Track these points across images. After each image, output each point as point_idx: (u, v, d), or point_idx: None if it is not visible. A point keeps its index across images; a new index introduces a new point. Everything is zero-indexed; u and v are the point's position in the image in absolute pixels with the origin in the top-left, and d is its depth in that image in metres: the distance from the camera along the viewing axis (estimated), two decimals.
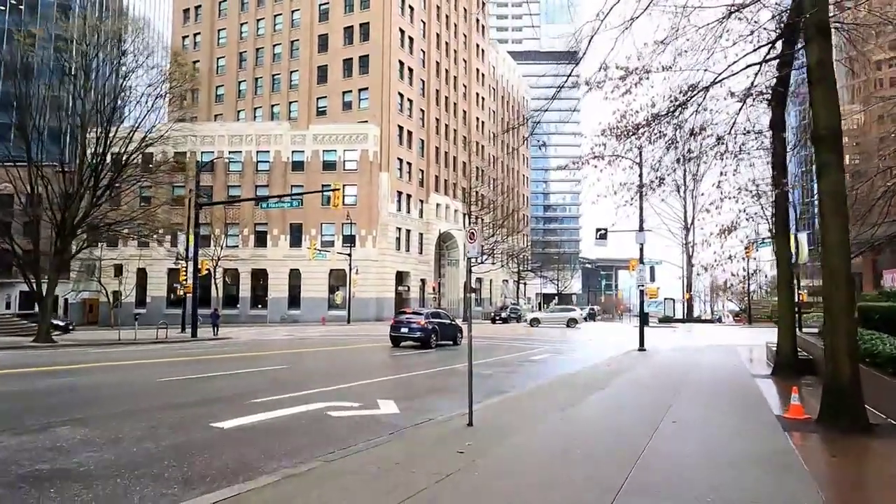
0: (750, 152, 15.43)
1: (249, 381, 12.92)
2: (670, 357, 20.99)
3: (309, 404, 9.84)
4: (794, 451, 6.66)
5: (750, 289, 67.31)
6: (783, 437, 7.35)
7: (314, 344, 26.38)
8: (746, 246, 31.42)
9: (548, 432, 7.86)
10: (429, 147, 63.36)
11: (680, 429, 7.94)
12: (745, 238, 28.92)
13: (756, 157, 15.99)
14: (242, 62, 64.43)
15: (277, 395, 10.71)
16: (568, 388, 12.29)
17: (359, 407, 9.77)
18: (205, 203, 33.18)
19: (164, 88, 29.85)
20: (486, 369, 16.69)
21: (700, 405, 10.12)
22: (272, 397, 10.49)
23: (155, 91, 29.35)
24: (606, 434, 7.69)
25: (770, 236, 25.87)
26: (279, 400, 10.26)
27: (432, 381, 14.11)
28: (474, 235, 7.99)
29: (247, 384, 12.47)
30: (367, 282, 52.59)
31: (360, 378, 13.74)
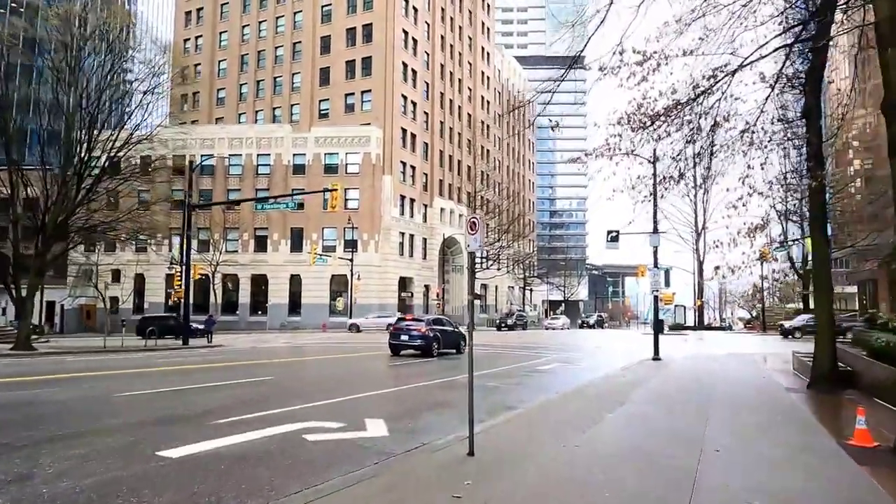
0: (782, 143, 14.10)
1: (226, 396, 11.59)
2: (688, 367, 19.55)
3: (286, 424, 8.50)
4: (885, 496, 5.25)
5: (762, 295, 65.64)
6: (860, 473, 5.94)
7: (310, 352, 25.06)
8: (762, 249, 29.94)
9: (565, 463, 6.48)
10: (433, 150, 62.18)
11: (728, 460, 6.55)
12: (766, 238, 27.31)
13: (783, 148, 14.66)
14: (244, 64, 63.56)
15: (252, 413, 9.38)
16: (582, 403, 10.90)
17: (342, 428, 8.42)
18: (197, 205, 31.95)
19: (152, 83, 28.60)
20: (491, 381, 15.31)
21: (740, 426, 8.71)
22: (245, 415, 9.16)
23: (143, 86, 28.11)
24: (637, 466, 6.31)
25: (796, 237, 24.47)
26: (253, 419, 8.93)
27: (430, 394, 12.75)
28: (475, 225, 6.68)
29: (221, 399, 11.14)
30: (369, 287, 51.30)
31: (351, 391, 12.38)
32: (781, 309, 63.07)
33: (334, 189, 26.15)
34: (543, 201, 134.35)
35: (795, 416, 9.59)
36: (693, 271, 57.16)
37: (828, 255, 12.97)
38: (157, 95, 29.08)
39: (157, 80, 28.42)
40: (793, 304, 73.17)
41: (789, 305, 71.32)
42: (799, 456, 6.83)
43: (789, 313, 60.05)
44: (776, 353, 26.11)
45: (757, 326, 53.22)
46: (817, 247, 12.99)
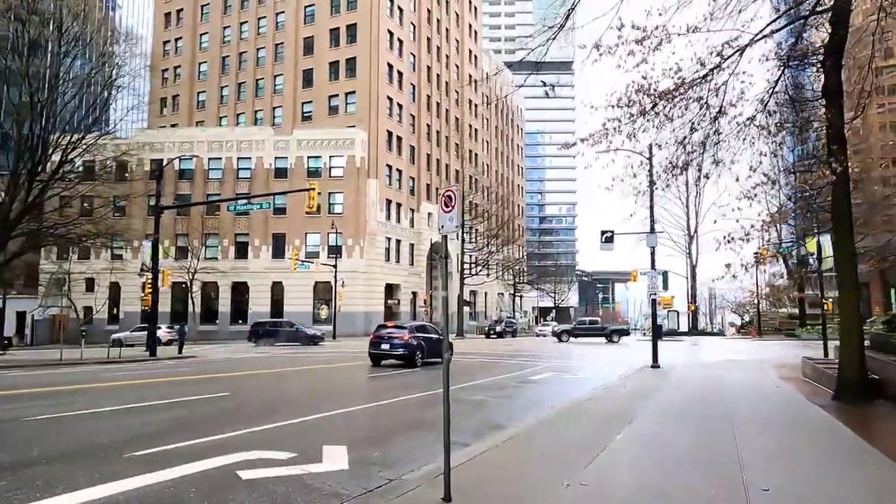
0: (797, 127, 12.73)
1: (166, 417, 9.90)
2: (692, 375, 18.09)
3: (222, 455, 6.86)
4: None
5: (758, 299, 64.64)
6: None
7: (285, 363, 23.33)
8: (760, 250, 28.67)
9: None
10: (419, 154, 60.72)
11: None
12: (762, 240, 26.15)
13: (799, 132, 13.29)
14: (225, 67, 61.84)
15: (188, 440, 7.73)
16: (583, 422, 9.36)
17: (291, 460, 6.80)
18: (166, 207, 30.13)
19: (108, 73, 26.76)
20: (478, 393, 13.73)
21: (778, 452, 7.20)
22: (178, 443, 7.51)
23: (97, 76, 26.16)
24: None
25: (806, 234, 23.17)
26: (184, 448, 7.29)
27: (408, 411, 11.14)
28: (451, 200, 5.16)
29: (159, 422, 9.45)
30: (354, 295, 49.55)
31: (317, 409, 10.75)
32: (775, 314, 62.09)
33: (311, 189, 24.52)
34: (533, 207, 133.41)
35: (838, 438, 8.10)
36: (686, 275, 56.00)
37: (853, 249, 11.59)
38: (118, 89, 27.21)
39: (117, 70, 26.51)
40: (785, 308, 72.41)
41: (782, 310, 70.51)
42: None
43: (783, 318, 59.06)
44: (777, 359, 24.79)
45: (752, 331, 52.04)
46: (842, 241, 11.58)
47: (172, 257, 50.24)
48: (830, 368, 15.06)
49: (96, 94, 26.74)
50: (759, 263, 28.54)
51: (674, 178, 12.93)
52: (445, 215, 5.19)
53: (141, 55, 37.41)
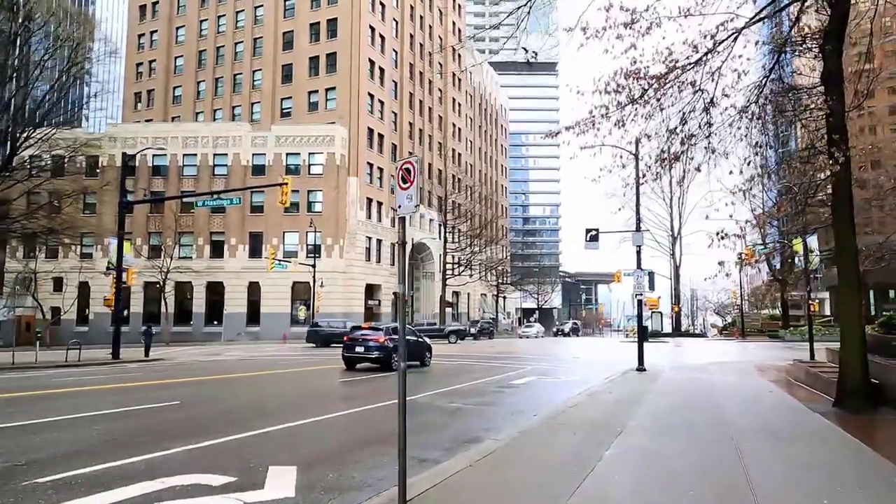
0: (795, 116, 11.99)
1: (98, 431, 8.78)
2: (679, 379, 17.32)
3: (145, 482, 5.81)
4: None
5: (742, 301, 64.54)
6: None
7: (254, 367, 22.17)
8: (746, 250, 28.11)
9: None
10: (402, 152, 59.61)
11: None
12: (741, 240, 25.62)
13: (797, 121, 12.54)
14: (202, 61, 60.18)
15: (105, 463, 6.65)
16: (568, 434, 8.44)
17: (226, 486, 5.78)
18: (130, 202, 28.74)
19: (57, 55, 25.22)
20: (455, 400, 12.78)
21: (791, 470, 6.33)
22: (91, 468, 6.42)
23: (52, 60, 24.59)
24: None
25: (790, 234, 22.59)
26: (99, 473, 6.22)
27: (377, 422, 10.14)
28: (409, 175, 4.21)
29: (89, 437, 8.34)
30: (333, 295, 48.31)
31: (274, 420, 9.70)
32: (758, 315, 62.09)
33: (284, 183, 23.37)
34: (517, 207, 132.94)
35: (853, 453, 7.26)
36: (670, 277, 55.65)
37: (855, 246, 10.85)
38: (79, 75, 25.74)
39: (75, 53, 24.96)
40: (767, 310, 72.55)
41: (763, 312, 70.61)
42: None
43: (765, 319, 59.01)
44: (764, 361, 24.23)
45: (735, 333, 51.82)
46: (842, 236, 10.82)
47: (145, 256, 48.57)
48: (825, 372, 14.38)
49: (57, 82, 25.23)
50: (746, 264, 27.97)
51: (664, 168, 12.09)
52: (403, 193, 4.25)
53: (103, 39, 35.83)
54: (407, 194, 4.23)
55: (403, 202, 4.27)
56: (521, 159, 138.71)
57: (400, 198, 4.30)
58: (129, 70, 64.40)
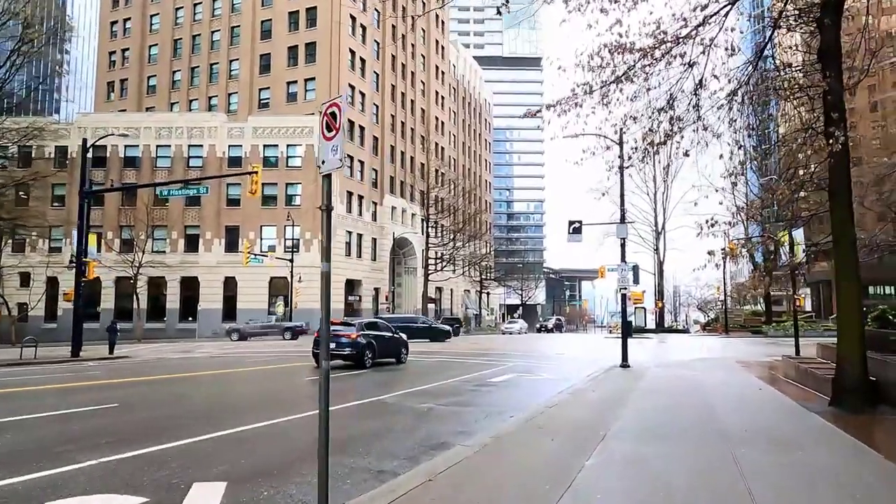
0: (790, 94, 11.23)
1: (6, 442, 7.73)
2: (664, 377, 16.60)
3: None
4: None
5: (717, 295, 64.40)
6: None
7: (222, 365, 21.09)
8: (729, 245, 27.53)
9: None
10: (383, 145, 58.52)
11: None
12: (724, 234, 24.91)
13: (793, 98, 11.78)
14: (177, 50, 58.43)
15: (3, 480, 5.64)
16: (546, 439, 7.58)
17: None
18: (91, 192, 27.39)
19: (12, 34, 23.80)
20: (428, 400, 11.88)
21: (795, 488, 5.51)
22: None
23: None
24: None
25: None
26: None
27: (334, 427, 9.19)
28: (335, 121, 3.30)
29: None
30: (312, 291, 47.03)
31: (220, 425, 8.72)
32: (740, 311, 62.05)
33: (254, 172, 22.23)
34: (501, 203, 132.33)
35: (859, 458, 6.48)
36: (653, 272, 55.29)
37: (854, 235, 10.13)
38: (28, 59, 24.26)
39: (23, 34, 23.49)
40: (749, 305, 72.65)
41: (746, 307, 70.66)
42: None
43: (748, 315, 58.92)
44: (749, 357, 23.68)
45: (719, 328, 51.59)
46: (840, 225, 10.09)
47: (116, 250, 46.99)
48: (817, 368, 13.73)
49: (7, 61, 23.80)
50: (731, 257, 27.39)
51: (651, 151, 11.25)
52: (327, 144, 3.35)
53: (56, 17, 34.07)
54: (332, 145, 3.33)
55: (328, 155, 3.38)
56: (505, 154, 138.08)
57: (324, 150, 3.40)
58: (102, 58, 62.45)
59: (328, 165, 3.45)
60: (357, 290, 53.45)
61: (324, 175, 3.54)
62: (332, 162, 3.40)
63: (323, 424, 3.71)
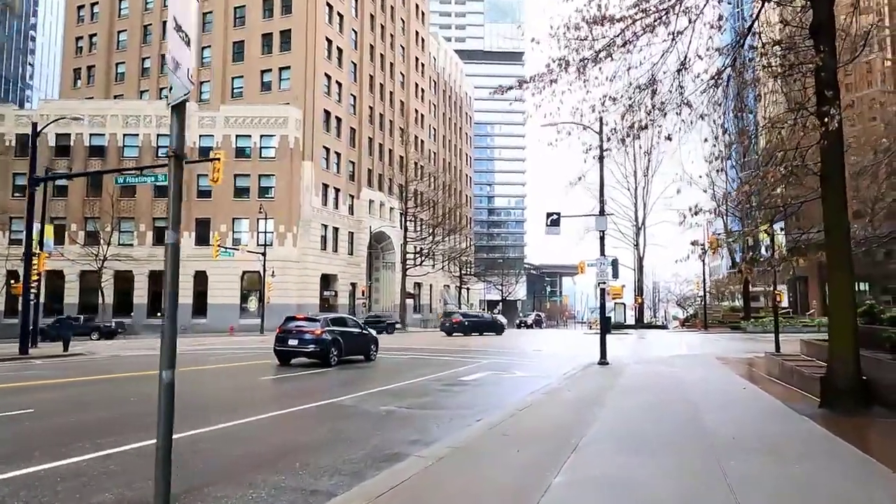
0: (782, 71, 10.46)
1: None
2: (644, 374, 15.87)
3: None
4: None
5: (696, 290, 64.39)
6: None
7: (180, 363, 19.83)
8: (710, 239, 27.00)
9: None
10: (361, 137, 57.24)
11: None
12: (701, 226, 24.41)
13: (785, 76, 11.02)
14: (147, 36, 56.42)
15: None
16: (512, 448, 6.68)
17: None
18: (38, 179, 25.88)
19: None
20: (389, 402, 10.93)
21: None
22: None
23: None
24: None
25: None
26: None
27: (285, 432, 8.23)
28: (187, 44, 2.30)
29: None
30: (285, 285, 45.84)
31: (147, 434, 7.66)
32: (719, 307, 62.07)
33: (216, 159, 21.00)
34: (481, 199, 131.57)
35: (863, 470, 5.69)
36: (633, 268, 54.94)
37: (847, 223, 9.42)
38: None
39: None
40: (727, 301, 72.87)
41: (724, 303, 70.84)
42: None
43: (726, 311, 58.95)
44: (730, 354, 23.12)
45: (698, 324, 51.45)
46: (833, 213, 9.36)
47: (80, 243, 45.17)
48: (802, 366, 13.08)
49: None
50: (713, 251, 26.83)
51: (633, 133, 10.40)
52: (174, 77, 2.37)
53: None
54: (177, 74, 2.40)
55: (174, 83, 2.44)
56: (486, 149, 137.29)
57: (172, 78, 2.46)
58: (69, 44, 60.17)
59: (176, 92, 2.53)
60: (333, 285, 52.24)
61: (171, 106, 2.62)
62: (180, 87, 2.49)
63: (162, 455, 2.74)
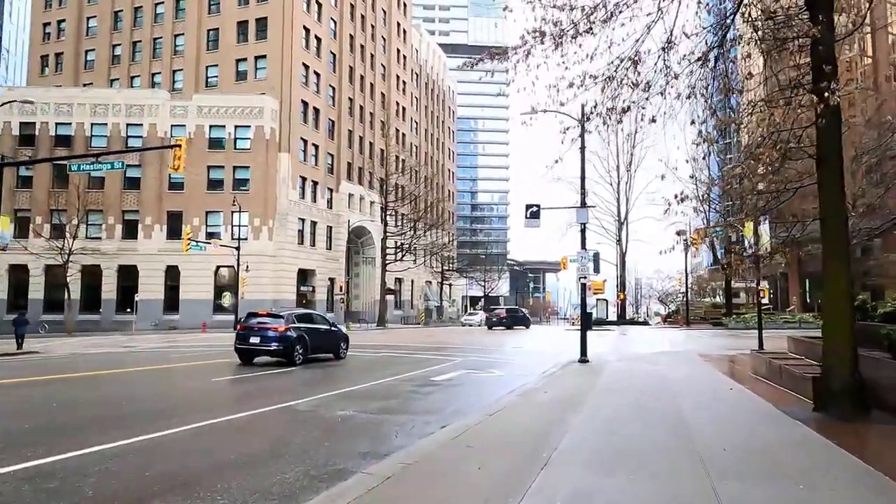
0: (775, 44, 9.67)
1: None
2: (626, 373, 15.12)
3: None
4: None
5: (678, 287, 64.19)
6: None
7: (138, 361, 18.75)
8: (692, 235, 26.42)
9: None
10: (340, 129, 55.94)
11: None
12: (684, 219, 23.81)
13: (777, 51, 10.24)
14: (118, 22, 54.43)
15: None
16: (473, 465, 5.78)
17: None
18: None
19: None
20: (350, 406, 9.99)
21: None
22: None
23: None
24: None
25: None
26: None
27: (207, 448, 7.23)
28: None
29: None
30: (261, 281, 44.52)
31: (61, 446, 6.64)
32: (701, 303, 61.94)
33: (177, 146, 19.77)
34: (464, 194, 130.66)
35: (871, 487, 4.88)
36: (616, 263, 54.48)
37: (844, 209, 8.67)
38: None
39: None
40: (709, 297, 72.87)
41: (706, 299, 70.82)
42: None
43: (708, 307, 58.81)
44: (713, 351, 22.54)
45: (679, 320, 51.13)
46: (830, 197, 8.59)
47: (45, 236, 43.40)
48: (790, 365, 12.38)
49: None
50: (693, 244, 26.26)
51: (614, 115, 9.55)
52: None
53: None
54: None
55: None
56: (470, 145, 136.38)
57: None
58: (36, 30, 57.96)
59: None
60: (310, 280, 51.00)
61: None
62: None
63: None
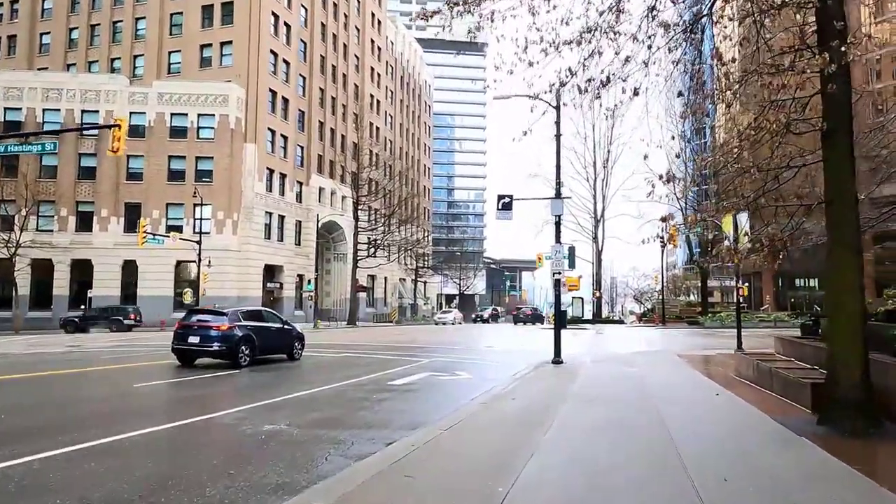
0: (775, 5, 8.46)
1: None
2: (603, 376, 13.92)
3: None
4: None
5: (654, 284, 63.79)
6: None
7: (68, 363, 16.98)
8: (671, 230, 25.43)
9: None
10: (311, 121, 54.06)
11: None
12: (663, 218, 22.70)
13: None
14: (75, 5, 51.67)
15: None
16: (416, 498, 4.40)
17: None
18: None
19: None
20: (283, 418, 8.51)
21: None
22: None
23: None
24: None
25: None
26: None
27: (77, 477, 5.72)
28: None
29: None
30: (225, 277, 42.54)
31: None
32: (676, 302, 61.57)
33: (116, 126, 17.95)
34: (441, 191, 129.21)
35: None
36: (592, 261, 53.67)
37: (854, 190, 7.53)
38: None
39: None
40: (684, 296, 72.72)
41: (681, 298, 70.62)
42: None
43: (683, 306, 58.45)
44: (692, 350, 21.55)
45: (655, 319, 50.53)
46: (838, 177, 7.44)
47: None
48: (781, 368, 11.27)
49: None
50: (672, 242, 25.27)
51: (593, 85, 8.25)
52: None
53: None
54: None
55: None
56: (447, 141, 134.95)
57: None
58: None
59: None
60: (278, 276, 49.10)
61: None
62: None
63: None
